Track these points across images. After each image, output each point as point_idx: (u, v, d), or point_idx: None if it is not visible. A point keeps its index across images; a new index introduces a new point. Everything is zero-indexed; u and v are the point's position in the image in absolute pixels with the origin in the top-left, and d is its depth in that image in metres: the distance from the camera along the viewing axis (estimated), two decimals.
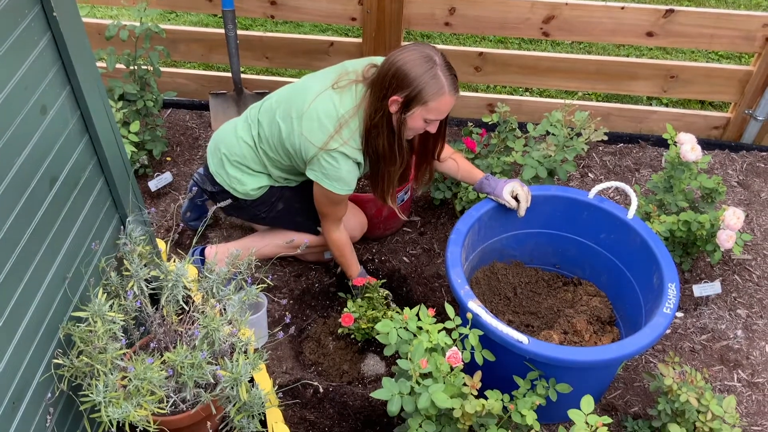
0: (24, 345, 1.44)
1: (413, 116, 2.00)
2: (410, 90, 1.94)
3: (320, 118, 2.07)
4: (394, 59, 1.97)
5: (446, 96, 1.96)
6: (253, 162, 2.29)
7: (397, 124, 2.05)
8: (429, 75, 1.93)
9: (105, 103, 1.67)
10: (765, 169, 3.20)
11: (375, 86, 2.03)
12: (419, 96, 1.94)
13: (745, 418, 2.21)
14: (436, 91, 1.94)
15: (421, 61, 1.94)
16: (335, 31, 4.17)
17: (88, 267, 1.69)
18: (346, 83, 2.11)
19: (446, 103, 1.98)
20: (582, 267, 2.44)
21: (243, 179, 2.30)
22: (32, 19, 1.37)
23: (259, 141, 2.26)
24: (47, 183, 1.48)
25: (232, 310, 1.76)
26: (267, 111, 2.26)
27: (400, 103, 1.98)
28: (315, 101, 2.09)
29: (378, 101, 2.02)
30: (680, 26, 2.94)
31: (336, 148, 2.06)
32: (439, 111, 2.00)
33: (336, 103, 2.08)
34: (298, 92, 2.18)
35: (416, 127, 2.05)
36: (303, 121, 2.10)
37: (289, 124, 2.14)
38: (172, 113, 3.41)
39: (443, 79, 1.94)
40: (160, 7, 3.19)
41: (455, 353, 1.72)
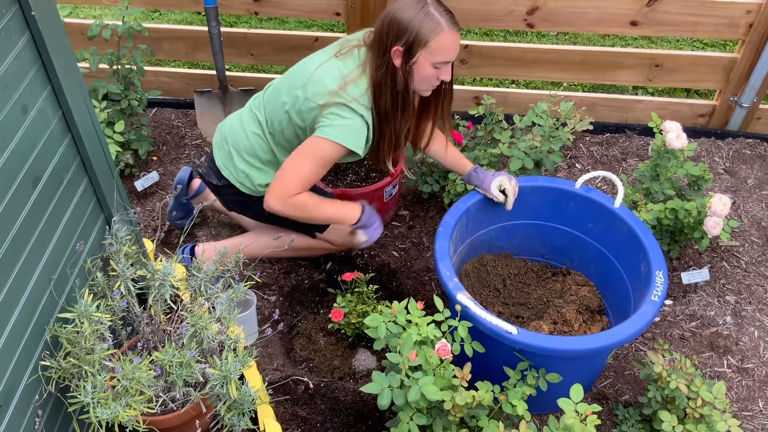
0: (10, 347, 1.43)
1: (419, 63, 1.96)
2: (408, 35, 1.91)
3: (324, 80, 2.03)
4: (386, 11, 1.96)
5: (446, 32, 1.92)
6: (262, 151, 2.25)
7: (403, 77, 2.00)
8: (422, 14, 1.90)
9: (87, 102, 1.66)
10: (751, 155, 3.21)
11: (374, 43, 2.01)
12: (418, 38, 1.91)
13: (736, 403, 2.22)
14: (433, 29, 1.90)
15: (412, 4, 1.92)
16: (320, 26, 4.16)
17: (74, 268, 1.68)
18: (347, 50, 2.09)
19: (448, 40, 1.94)
20: (570, 257, 2.44)
21: (251, 174, 2.27)
22: (10, 18, 1.36)
23: (268, 125, 2.21)
24: (30, 183, 1.47)
25: (221, 308, 1.76)
26: (271, 94, 2.22)
27: (402, 52, 1.95)
28: (318, 69, 2.06)
29: (380, 57, 1.99)
30: (664, 15, 2.95)
31: (343, 103, 2.01)
32: (443, 50, 1.95)
33: (340, 67, 2.06)
34: (300, 68, 2.15)
35: (426, 75, 2.00)
36: (307, 87, 2.05)
37: (293, 96, 2.09)
38: (158, 112, 3.39)
39: (437, 15, 1.91)
40: (142, 5, 3.17)
41: (444, 345, 1.72)
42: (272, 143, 2.23)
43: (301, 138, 2.16)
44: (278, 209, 2.09)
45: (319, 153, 2.05)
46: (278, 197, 2.08)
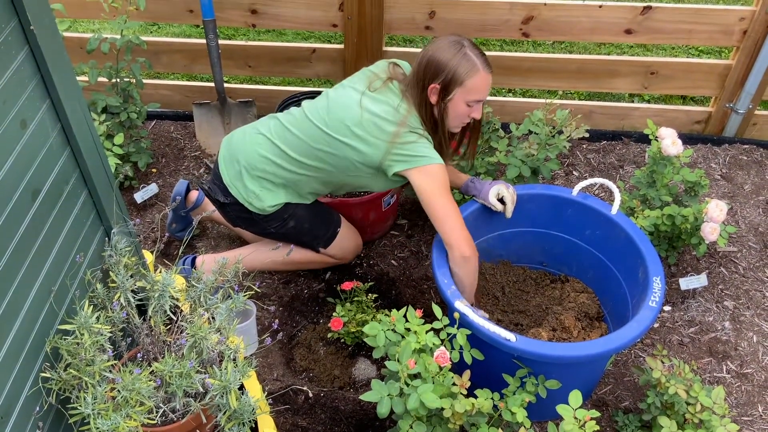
0: (11, 359, 1.43)
1: (454, 101, 2.06)
2: (445, 74, 2.02)
3: (381, 115, 2.09)
4: (425, 51, 2.07)
5: (481, 72, 2.03)
6: (275, 176, 2.26)
7: (439, 114, 2.10)
8: (459, 55, 2.01)
9: (86, 115, 1.67)
10: (748, 161, 3.23)
11: (413, 81, 2.11)
12: (455, 77, 2.02)
13: (735, 408, 2.22)
14: (469, 69, 2.01)
15: (450, 45, 2.03)
16: (317, 38, 4.18)
17: (74, 279, 1.68)
18: (380, 85, 2.16)
19: (483, 80, 2.04)
20: (568, 264, 2.45)
21: (261, 195, 2.27)
22: (9, 33, 1.37)
23: (296, 158, 2.21)
24: (29, 196, 1.48)
25: (220, 319, 1.76)
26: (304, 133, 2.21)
27: (439, 90, 2.05)
28: (363, 106, 2.11)
29: (418, 95, 2.09)
30: (658, 23, 2.98)
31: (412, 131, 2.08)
32: (478, 90, 2.05)
33: (385, 100, 2.12)
34: (338, 104, 2.17)
35: (460, 112, 2.09)
36: (366, 128, 2.09)
37: (349, 136, 2.11)
38: (157, 125, 3.41)
39: (474, 57, 2.02)
40: (141, 19, 3.19)
41: (443, 353, 1.73)
42: (298, 170, 2.23)
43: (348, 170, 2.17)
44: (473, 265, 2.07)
45: (441, 180, 2.08)
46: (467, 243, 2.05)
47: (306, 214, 2.38)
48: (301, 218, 2.37)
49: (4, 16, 1.36)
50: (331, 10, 3.01)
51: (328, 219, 2.46)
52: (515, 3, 2.95)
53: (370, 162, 2.12)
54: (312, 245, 2.46)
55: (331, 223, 2.46)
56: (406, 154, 2.07)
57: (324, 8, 3.02)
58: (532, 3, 2.95)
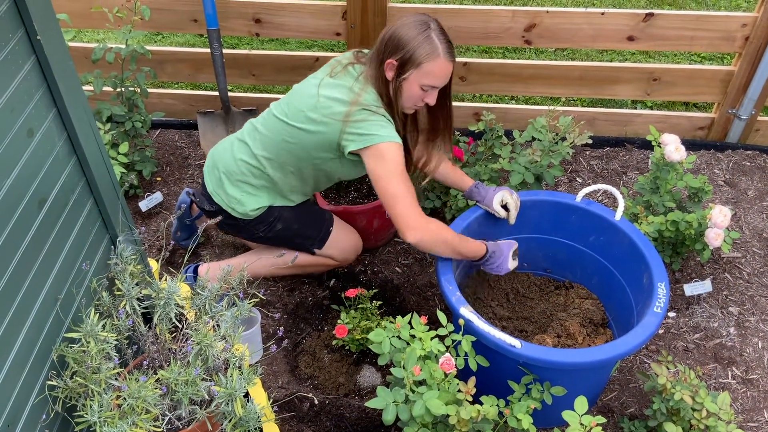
0: (17, 368, 1.44)
1: (408, 81, 2.01)
2: (404, 51, 1.96)
3: (334, 96, 2.07)
4: (390, 26, 2.02)
5: (441, 59, 1.97)
6: (254, 177, 2.27)
7: (393, 91, 2.04)
8: (422, 36, 1.95)
9: (92, 124, 1.68)
10: (751, 167, 3.23)
11: (374, 55, 2.07)
12: (413, 57, 1.96)
13: (741, 414, 2.22)
14: (429, 53, 1.96)
15: (416, 24, 1.98)
16: (320, 46, 4.20)
17: (80, 287, 1.69)
18: (341, 69, 2.14)
19: (441, 67, 1.99)
20: (573, 270, 2.45)
21: (243, 199, 2.28)
22: (16, 42, 1.39)
23: (265, 155, 2.23)
24: (36, 205, 1.49)
25: (225, 326, 1.77)
26: (267, 127, 2.24)
27: (395, 66, 2.00)
28: (321, 89, 2.10)
29: (377, 68, 2.04)
30: (660, 29, 2.98)
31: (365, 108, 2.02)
32: (434, 75, 2.00)
33: (341, 83, 2.10)
34: (300, 92, 2.18)
35: (413, 95, 2.04)
36: (321, 110, 2.07)
37: (305, 121, 2.11)
38: (161, 133, 3.43)
39: (437, 41, 1.96)
40: (145, 29, 3.21)
41: (448, 360, 1.73)
42: (269, 168, 2.24)
43: (314, 157, 2.16)
44: (427, 242, 2.00)
45: (392, 160, 2.00)
46: (417, 230, 1.98)
47: (293, 216, 2.37)
48: (288, 220, 2.36)
49: (11, 26, 1.37)
50: (335, 18, 3.03)
51: (318, 219, 2.44)
52: (517, 11, 2.97)
53: (328, 144, 2.08)
54: (306, 247, 2.44)
55: (322, 223, 2.44)
56: (357, 133, 2.01)
57: (327, 17, 3.03)
58: (534, 11, 2.96)
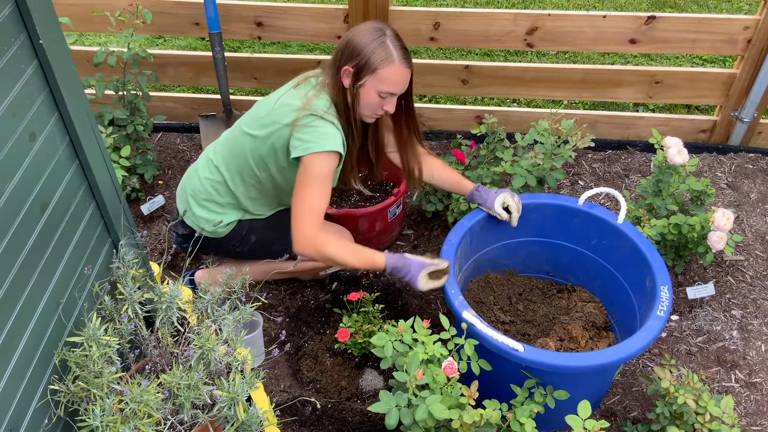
0: (19, 372, 1.44)
1: (365, 88, 2.01)
2: (359, 58, 1.97)
3: (288, 102, 2.08)
4: (347, 33, 2.03)
5: (396, 64, 1.98)
6: (219, 195, 2.27)
7: (351, 98, 2.04)
8: (377, 42, 1.97)
9: (94, 128, 1.68)
10: (753, 170, 3.23)
11: (330, 63, 2.08)
12: (368, 63, 1.97)
13: (744, 418, 2.21)
14: (384, 58, 1.96)
15: (371, 31, 1.99)
16: (322, 49, 4.20)
17: (82, 291, 1.69)
18: (304, 81, 2.15)
19: (396, 72, 1.99)
20: (575, 273, 2.45)
21: (210, 218, 2.28)
22: (18, 47, 1.39)
23: (226, 165, 2.24)
24: (38, 209, 1.49)
25: (228, 330, 1.76)
26: (228, 139, 2.27)
27: (352, 73, 2.00)
28: (279, 99, 2.11)
29: (333, 76, 2.05)
30: (662, 32, 2.98)
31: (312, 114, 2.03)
32: (390, 81, 2.00)
33: (299, 92, 2.10)
34: (259, 105, 2.21)
35: (371, 102, 2.04)
36: (273, 113, 2.08)
37: (259, 125, 2.12)
38: (163, 137, 3.43)
39: (392, 47, 1.97)
40: (147, 32, 3.21)
41: (451, 364, 1.72)
42: (233, 184, 2.25)
43: (268, 164, 2.16)
44: (308, 254, 2.02)
45: (314, 173, 2.01)
46: (303, 245, 2.01)
47: (264, 225, 2.36)
48: (261, 230, 2.36)
49: (14, 30, 1.37)
50: (336, 21, 3.03)
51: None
52: (519, 14, 2.97)
53: (280, 150, 2.08)
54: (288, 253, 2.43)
55: None
56: (301, 138, 2.01)
57: (329, 20, 3.03)
58: (536, 14, 2.96)
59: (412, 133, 2.29)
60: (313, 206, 2.02)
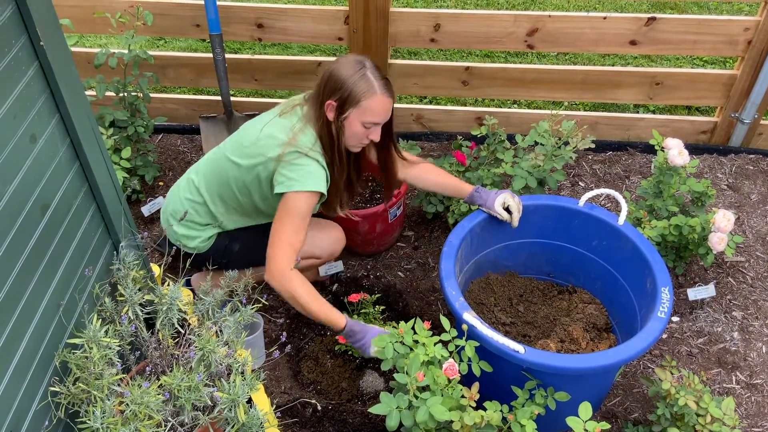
0: (20, 374, 1.44)
1: (349, 120, 2.04)
2: (342, 91, 2.00)
3: (273, 134, 2.09)
4: (327, 68, 2.06)
5: (378, 95, 2.01)
6: (198, 216, 2.29)
7: (336, 131, 2.07)
8: (358, 75, 2.00)
9: (95, 130, 1.68)
10: (754, 171, 3.22)
11: (313, 97, 2.10)
12: (351, 96, 2.00)
13: (745, 419, 2.21)
14: (366, 90, 1.99)
15: (351, 64, 2.02)
16: (323, 51, 4.21)
17: (83, 293, 1.69)
18: (290, 109, 2.17)
19: (379, 103, 2.02)
20: (576, 275, 2.45)
21: (190, 234, 2.31)
22: (19, 48, 1.39)
23: (207, 190, 2.26)
24: (39, 211, 1.49)
25: (228, 332, 1.76)
26: (211, 160, 2.28)
27: (335, 107, 2.03)
28: (265, 127, 2.13)
29: (317, 110, 2.08)
30: (663, 33, 2.98)
31: (298, 151, 2.05)
32: (374, 112, 2.03)
33: (285, 123, 2.12)
34: (246, 129, 2.21)
35: (356, 132, 2.07)
36: (258, 143, 2.10)
37: (244, 153, 2.14)
38: (164, 138, 3.43)
39: (373, 79, 2.00)
40: (148, 34, 3.21)
41: (452, 365, 1.72)
42: (214, 206, 2.27)
43: (251, 193, 2.19)
44: (276, 287, 2.03)
45: (294, 210, 2.05)
46: (273, 274, 2.03)
47: (246, 233, 2.36)
48: (243, 238, 2.36)
49: (15, 32, 1.38)
50: (337, 23, 3.03)
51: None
52: (520, 15, 2.97)
53: (264, 180, 2.12)
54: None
55: None
56: (285, 175, 2.04)
57: (329, 22, 3.04)
58: (537, 15, 2.96)
59: (393, 157, 2.33)
60: (290, 240, 2.05)
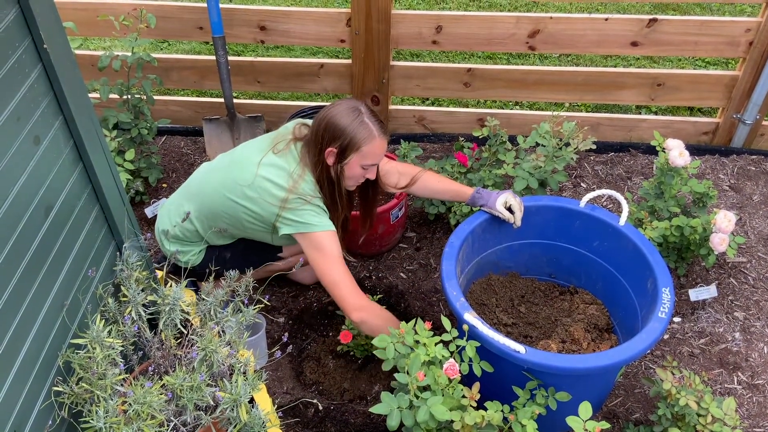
0: (24, 373, 1.45)
1: (350, 164, 2.10)
2: (342, 139, 2.06)
3: (272, 179, 2.12)
4: (323, 115, 2.11)
5: (377, 139, 2.08)
6: (188, 239, 2.35)
7: (335, 174, 2.13)
8: (357, 122, 2.06)
9: (98, 132, 1.69)
10: (756, 172, 3.23)
11: (311, 142, 2.14)
12: (351, 143, 2.06)
13: (746, 420, 2.21)
14: (366, 136, 2.06)
15: (348, 112, 2.07)
16: (325, 53, 4.22)
17: (86, 294, 1.70)
18: (284, 146, 2.19)
19: (378, 146, 2.10)
20: (577, 275, 2.45)
21: (182, 249, 2.36)
22: (23, 51, 1.40)
23: (198, 219, 2.29)
24: (42, 212, 1.50)
25: (230, 332, 1.77)
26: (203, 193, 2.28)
27: (336, 153, 2.08)
28: (261, 168, 2.14)
29: (316, 156, 2.13)
30: (664, 35, 2.99)
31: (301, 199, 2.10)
32: (374, 155, 2.11)
33: (282, 164, 2.15)
34: (239, 168, 2.21)
35: (355, 175, 2.14)
36: (256, 186, 2.12)
37: (241, 197, 2.15)
38: (167, 140, 3.44)
39: (371, 124, 2.07)
40: (151, 36, 3.23)
41: (452, 365, 1.73)
42: (202, 232, 2.31)
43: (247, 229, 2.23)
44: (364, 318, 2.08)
45: (328, 251, 2.10)
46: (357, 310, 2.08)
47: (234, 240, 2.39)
48: (233, 244, 2.38)
49: (18, 35, 1.39)
50: (339, 25, 3.04)
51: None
52: (521, 17, 2.98)
53: (263, 221, 2.17)
54: (268, 257, 2.44)
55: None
56: (293, 219, 2.10)
57: (332, 24, 3.05)
58: (538, 17, 2.97)
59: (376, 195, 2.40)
60: (346, 278, 2.12)
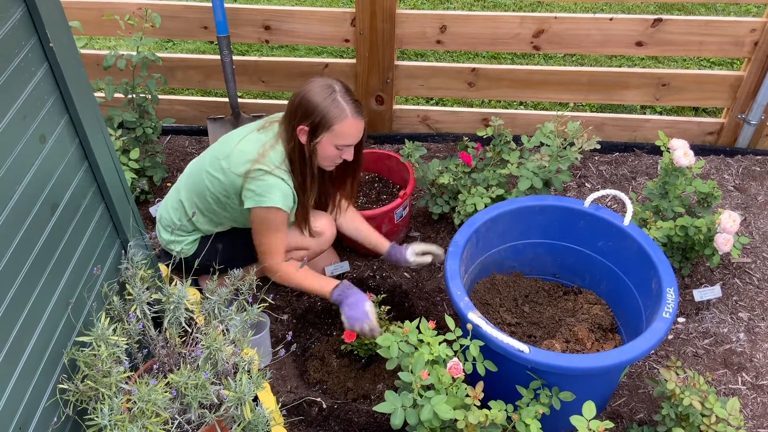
0: (29, 371, 1.46)
1: (322, 144, 2.09)
2: (314, 117, 2.05)
3: (245, 149, 2.14)
4: (298, 92, 2.10)
5: (349, 119, 2.05)
6: (183, 227, 2.36)
7: (308, 153, 2.12)
8: (329, 100, 2.04)
9: (103, 130, 1.70)
10: (761, 172, 3.22)
11: (285, 119, 2.15)
12: (323, 121, 2.04)
13: (751, 420, 2.21)
14: (338, 115, 2.04)
15: (321, 89, 2.06)
16: (330, 53, 4.22)
17: (91, 292, 1.71)
18: (269, 125, 2.21)
19: (351, 126, 2.07)
20: (581, 275, 2.45)
21: (176, 239, 2.36)
22: (29, 50, 1.41)
23: (189, 205, 2.31)
24: (48, 210, 1.51)
25: (235, 331, 1.78)
26: (192, 174, 2.33)
27: (307, 131, 2.07)
28: (241, 141, 2.17)
29: (289, 132, 2.12)
30: (669, 35, 2.98)
31: (265, 170, 2.10)
32: (346, 135, 2.08)
33: (261, 138, 2.17)
34: (224, 140, 2.27)
35: (329, 154, 2.13)
36: (231, 158, 2.15)
37: (218, 167, 2.19)
38: (172, 139, 3.45)
39: (344, 103, 2.05)
40: (156, 36, 3.24)
41: (456, 364, 1.73)
42: (190, 212, 2.32)
43: (226, 203, 2.23)
44: (276, 280, 2.25)
45: (267, 222, 2.16)
46: (270, 271, 2.24)
47: (229, 232, 2.40)
48: (228, 236, 2.39)
49: (24, 34, 1.40)
50: (344, 25, 3.04)
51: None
52: (526, 17, 2.98)
53: (233, 193, 2.18)
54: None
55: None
56: (252, 190, 2.11)
57: (336, 23, 3.05)
58: (543, 16, 2.97)
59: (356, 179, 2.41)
60: (271, 249, 2.23)
